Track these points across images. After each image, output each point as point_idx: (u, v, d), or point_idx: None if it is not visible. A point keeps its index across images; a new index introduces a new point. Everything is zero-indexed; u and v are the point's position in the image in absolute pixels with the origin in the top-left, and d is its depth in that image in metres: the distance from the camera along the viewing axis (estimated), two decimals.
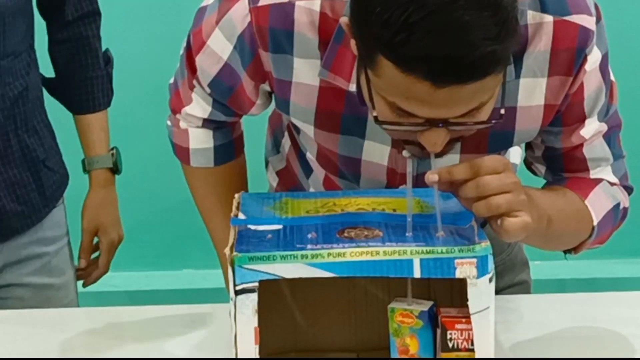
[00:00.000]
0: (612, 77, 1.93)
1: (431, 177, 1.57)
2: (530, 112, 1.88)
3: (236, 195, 1.80)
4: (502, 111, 1.64)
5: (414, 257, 1.51)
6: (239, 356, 1.53)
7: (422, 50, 1.43)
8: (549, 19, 1.77)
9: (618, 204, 1.92)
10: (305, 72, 1.86)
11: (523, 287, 2.27)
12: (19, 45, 2.27)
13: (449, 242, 1.55)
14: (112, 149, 2.50)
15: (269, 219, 1.68)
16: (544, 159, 1.99)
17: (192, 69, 2.01)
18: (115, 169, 2.49)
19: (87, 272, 2.51)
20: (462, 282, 1.52)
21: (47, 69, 2.50)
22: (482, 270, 1.51)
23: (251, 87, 1.95)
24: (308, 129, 1.97)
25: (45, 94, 2.49)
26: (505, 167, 1.60)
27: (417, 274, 1.51)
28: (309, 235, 1.59)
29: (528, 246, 2.33)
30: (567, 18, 1.77)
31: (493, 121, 1.65)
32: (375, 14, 1.45)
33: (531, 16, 1.77)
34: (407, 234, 1.58)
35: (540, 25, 1.77)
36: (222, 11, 1.88)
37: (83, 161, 2.49)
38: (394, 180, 1.99)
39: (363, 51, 1.58)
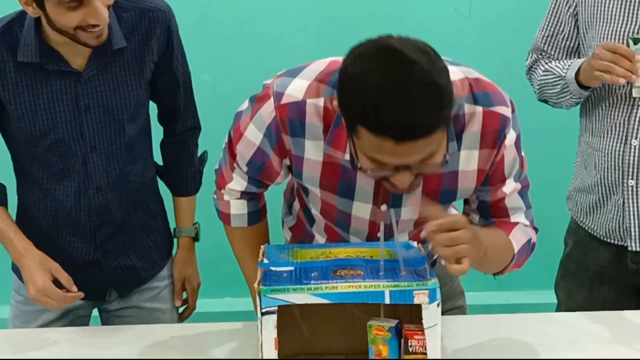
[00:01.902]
0: (523, 153, 1.94)
1: (428, 233, 1.65)
2: (468, 175, 1.90)
3: (262, 246, 1.89)
4: (447, 157, 1.72)
5: (385, 289, 1.63)
6: (264, 357, 1.65)
7: (386, 121, 1.52)
8: (479, 109, 1.81)
9: (530, 239, 1.95)
10: (313, 150, 1.87)
11: (460, 310, 2.25)
12: (140, 154, 2.28)
13: (409, 279, 1.66)
14: (195, 223, 2.44)
15: (285, 262, 1.77)
16: (478, 209, 2.00)
17: (232, 155, 2.01)
18: (196, 238, 2.43)
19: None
20: (419, 306, 1.63)
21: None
22: (432, 298, 1.62)
23: (277, 162, 1.95)
24: (315, 190, 1.96)
25: None
26: (465, 224, 1.67)
27: (387, 300, 1.63)
28: (313, 274, 1.70)
29: (464, 279, 2.29)
30: (492, 109, 1.82)
31: (436, 170, 1.75)
32: (354, 97, 1.56)
33: (467, 108, 1.81)
34: (380, 273, 1.69)
35: (473, 114, 1.81)
36: (254, 110, 1.90)
37: (174, 229, 2.44)
38: (373, 229, 1.99)
39: (347, 123, 1.63)
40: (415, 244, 1.93)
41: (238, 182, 2.05)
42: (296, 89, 1.83)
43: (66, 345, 2.01)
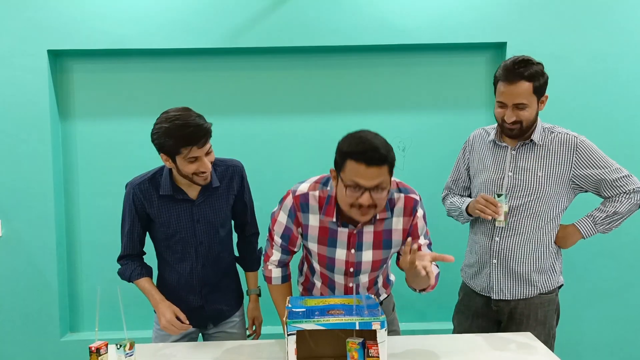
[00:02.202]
0: (427, 227, 1.97)
1: (422, 267, 1.68)
2: (397, 232, 1.92)
3: (288, 297, 1.91)
4: (388, 193, 1.79)
5: (356, 321, 1.66)
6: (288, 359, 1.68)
7: (362, 152, 1.66)
8: (402, 195, 1.91)
9: (439, 272, 1.93)
10: (313, 220, 1.91)
11: (396, 332, 2.18)
12: (227, 246, 2.21)
13: (370, 315, 1.69)
14: (258, 287, 2.32)
15: (300, 306, 1.80)
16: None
17: (272, 238, 2.01)
18: (259, 295, 2.31)
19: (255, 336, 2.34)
20: (374, 331, 1.67)
21: None
22: (382, 326, 1.66)
23: (295, 230, 1.95)
24: (314, 247, 1.96)
25: None
26: (431, 259, 1.74)
27: (357, 327, 1.66)
28: (316, 313, 1.73)
29: (401, 315, 2.27)
30: (408, 195, 1.91)
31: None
32: (345, 147, 1.70)
33: (395, 194, 1.90)
34: (353, 312, 1.72)
35: (399, 197, 1.90)
36: (282, 203, 1.95)
37: (246, 290, 2.33)
38: (347, 267, 1.97)
39: (339, 164, 1.74)
40: (373, 296, 1.92)
41: (276, 255, 2.04)
42: (303, 187, 1.92)
43: (185, 353, 1.98)
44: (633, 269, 3.19)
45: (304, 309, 1.76)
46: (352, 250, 1.93)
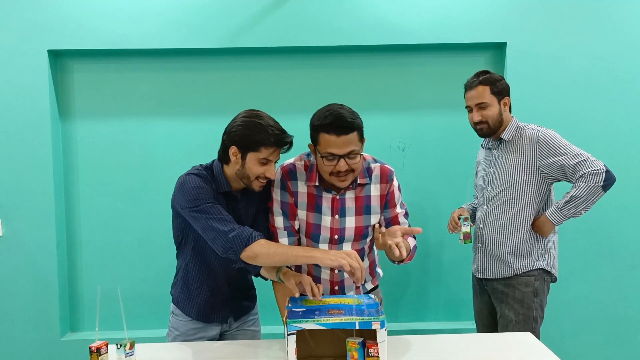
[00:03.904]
0: (402, 199, 2.07)
1: (397, 245, 1.77)
2: (376, 197, 2.01)
3: (288, 297, 1.93)
4: (360, 159, 1.87)
5: (356, 321, 1.67)
6: (289, 359, 1.68)
7: (331, 123, 1.78)
8: (378, 164, 2.03)
9: (415, 244, 2.02)
10: (301, 187, 2.00)
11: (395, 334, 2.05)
12: None
13: (369, 315, 1.70)
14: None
15: (300, 306, 1.82)
16: (385, 225, 2.02)
17: (275, 227, 2.02)
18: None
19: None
20: (374, 330, 1.68)
21: None
22: (382, 326, 1.67)
23: (290, 199, 2.01)
24: (303, 214, 2.01)
25: None
26: (402, 233, 1.86)
27: (357, 326, 1.67)
28: (316, 313, 1.74)
29: (402, 313, 2.30)
30: (383, 165, 2.03)
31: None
32: (316, 122, 1.83)
33: (372, 164, 2.02)
34: (353, 312, 1.73)
35: (376, 166, 2.02)
36: (273, 184, 2.02)
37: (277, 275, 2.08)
38: (332, 233, 2.01)
39: (313, 138, 1.86)
40: (372, 296, 1.93)
41: (283, 242, 2.02)
42: (290, 161, 2.05)
43: (185, 352, 1.97)
44: (633, 269, 3.20)
45: (303, 309, 1.77)
46: (336, 217, 2.00)
